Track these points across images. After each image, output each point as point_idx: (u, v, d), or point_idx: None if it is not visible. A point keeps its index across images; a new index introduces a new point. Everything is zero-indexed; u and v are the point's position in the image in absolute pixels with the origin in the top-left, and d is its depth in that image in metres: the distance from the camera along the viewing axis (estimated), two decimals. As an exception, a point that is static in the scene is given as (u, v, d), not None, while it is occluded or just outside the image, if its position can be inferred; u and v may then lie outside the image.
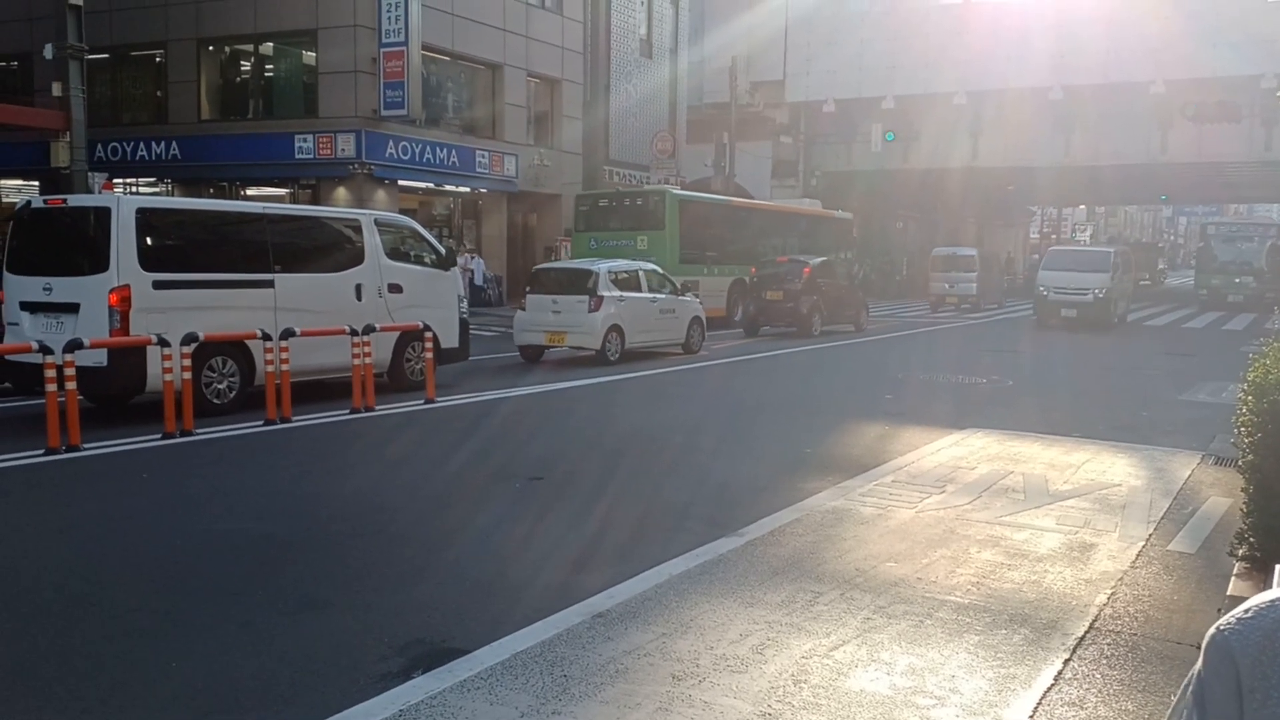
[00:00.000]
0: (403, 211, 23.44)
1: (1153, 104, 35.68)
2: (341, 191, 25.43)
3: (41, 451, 8.72)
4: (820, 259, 24.33)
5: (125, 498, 7.69)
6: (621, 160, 34.35)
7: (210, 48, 27.73)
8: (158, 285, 10.61)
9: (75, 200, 12.54)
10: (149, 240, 10.68)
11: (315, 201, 25.61)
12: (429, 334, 12.56)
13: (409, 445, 10.01)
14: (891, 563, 5.91)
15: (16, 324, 10.94)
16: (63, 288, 10.67)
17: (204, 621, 5.00)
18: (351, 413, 11.18)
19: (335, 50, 25.37)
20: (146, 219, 10.82)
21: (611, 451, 9.57)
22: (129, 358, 10.29)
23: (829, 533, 6.53)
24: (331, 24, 25.34)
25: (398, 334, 12.77)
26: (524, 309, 16.95)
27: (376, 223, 13.19)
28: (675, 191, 26.72)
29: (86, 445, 8.96)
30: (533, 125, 31.63)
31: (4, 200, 32.46)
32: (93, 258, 10.53)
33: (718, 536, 6.38)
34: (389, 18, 24.43)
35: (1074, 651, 4.64)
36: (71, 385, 8.95)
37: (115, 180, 24.20)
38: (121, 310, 10.30)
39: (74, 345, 9.17)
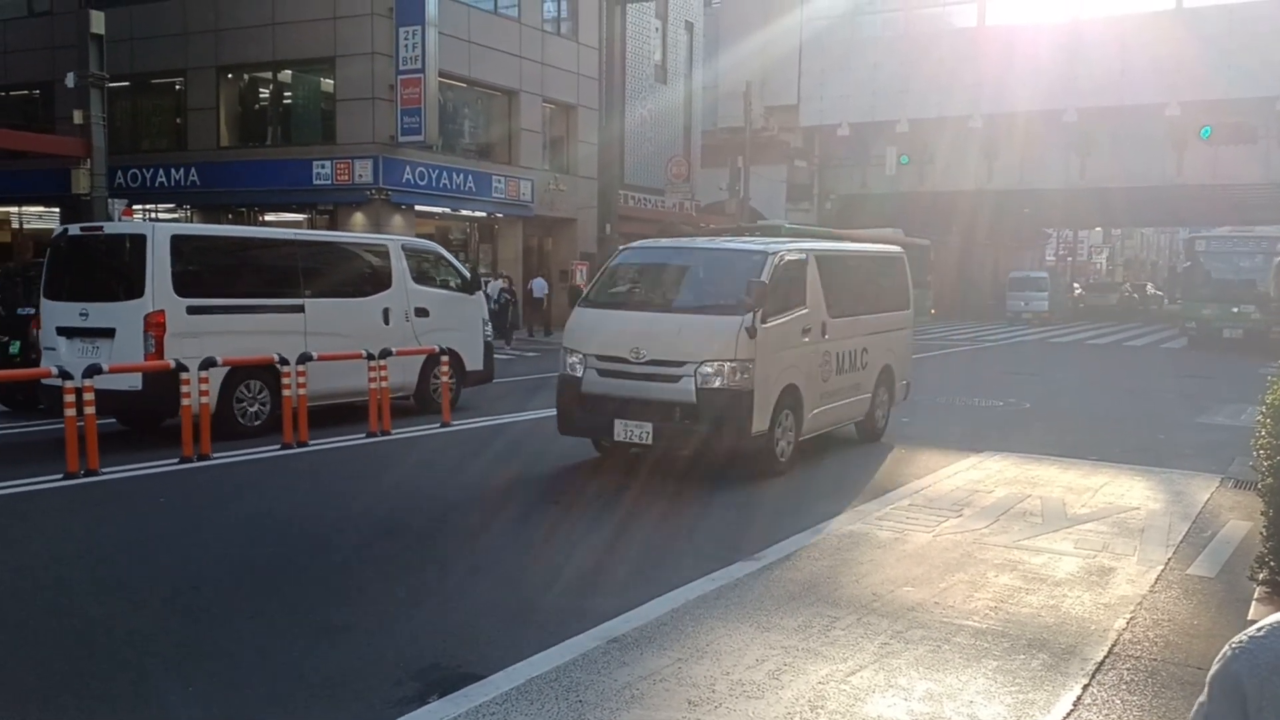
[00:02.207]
0: (419, 236, 23.63)
1: (1167, 126, 35.64)
2: (359, 216, 25.58)
3: (60, 476, 8.77)
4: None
5: (142, 522, 7.71)
6: (636, 184, 34.47)
7: (229, 75, 28.00)
8: (192, 310, 10.76)
9: (111, 228, 12.77)
10: (183, 266, 10.83)
11: (333, 227, 25.77)
12: (449, 357, 12.70)
13: (422, 469, 10.01)
14: (909, 587, 5.88)
15: (53, 348, 11.06)
16: (99, 313, 10.83)
17: (220, 645, 5.01)
18: (368, 436, 11.20)
19: (353, 77, 25.58)
20: (180, 245, 10.97)
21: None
22: (163, 381, 10.27)
23: (845, 557, 6.51)
24: (349, 52, 25.56)
25: (423, 357, 12.87)
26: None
27: (403, 248, 13.36)
28: (790, 225, 29.53)
29: (105, 469, 9.00)
30: (548, 150, 31.79)
31: (25, 226, 32.80)
32: (128, 283, 10.71)
33: (734, 560, 6.37)
34: (406, 45, 24.64)
35: (1093, 677, 4.61)
36: (90, 410, 8.98)
37: (135, 206, 24.43)
38: (156, 335, 10.46)
39: (93, 370, 9.22)
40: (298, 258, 12.24)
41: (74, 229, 11.92)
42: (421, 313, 13.08)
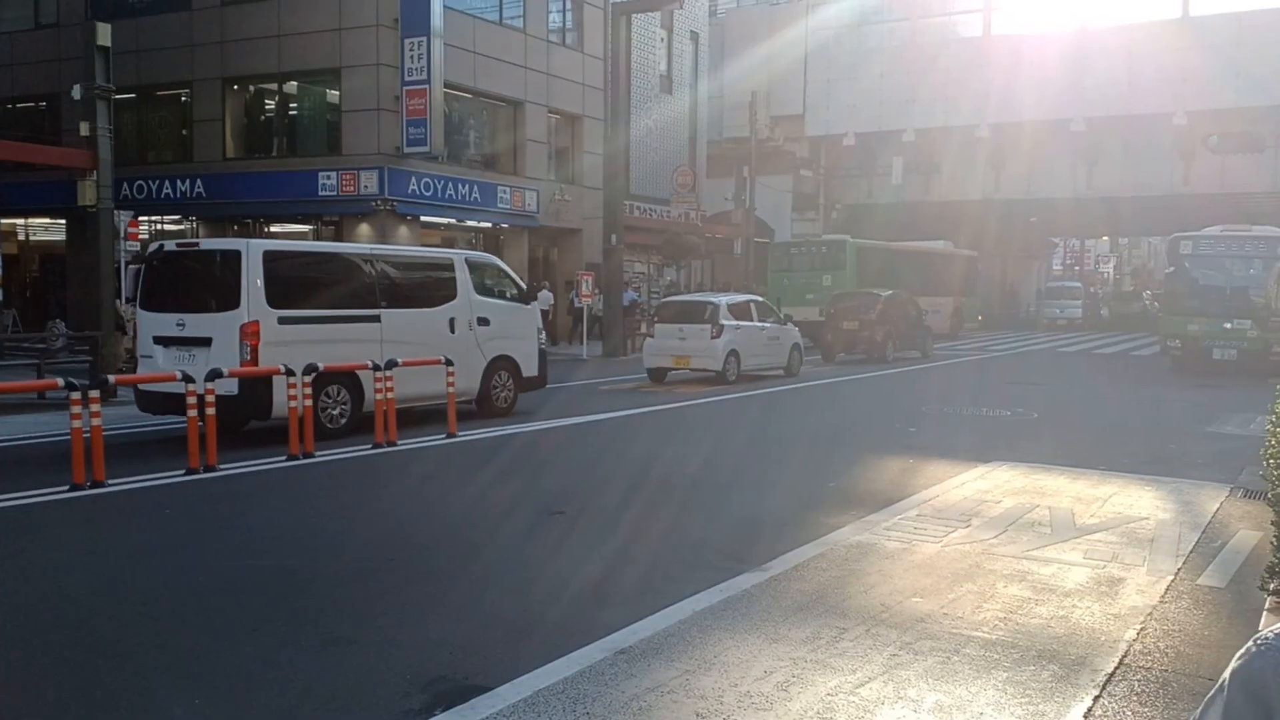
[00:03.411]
0: (424, 244, 23.73)
1: (1175, 135, 35.61)
2: (364, 228, 25.63)
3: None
4: (889, 292, 26.26)
5: (148, 533, 7.72)
6: (642, 194, 34.52)
7: (235, 87, 28.09)
8: (282, 320, 11.53)
9: (207, 244, 13.92)
10: (273, 279, 11.56)
11: (338, 238, 25.86)
12: (512, 363, 14.20)
13: (429, 479, 10.01)
14: (917, 598, 5.84)
15: (150, 356, 11.85)
16: (195, 323, 11.63)
17: (225, 658, 4.99)
18: (374, 447, 11.22)
19: (358, 88, 25.65)
20: (271, 260, 11.72)
21: (643, 479, 9.55)
22: (258, 386, 11.13)
23: (853, 567, 6.47)
24: (355, 63, 25.64)
25: (486, 364, 13.91)
26: (653, 337, 19.55)
27: (467, 261, 14.24)
28: (853, 240, 33.17)
29: (112, 481, 9.00)
30: (553, 160, 31.85)
31: (32, 238, 32.90)
32: (224, 296, 11.47)
33: (740, 571, 6.34)
34: (412, 56, 24.71)
35: (1104, 688, 4.57)
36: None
37: (140, 218, 24.46)
38: (252, 343, 11.24)
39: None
40: (374, 271, 13.01)
41: (169, 245, 12.93)
42: (483, 322, 13.97)
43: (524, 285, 15.34)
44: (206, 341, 11.45)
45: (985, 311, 40.58)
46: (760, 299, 22.06)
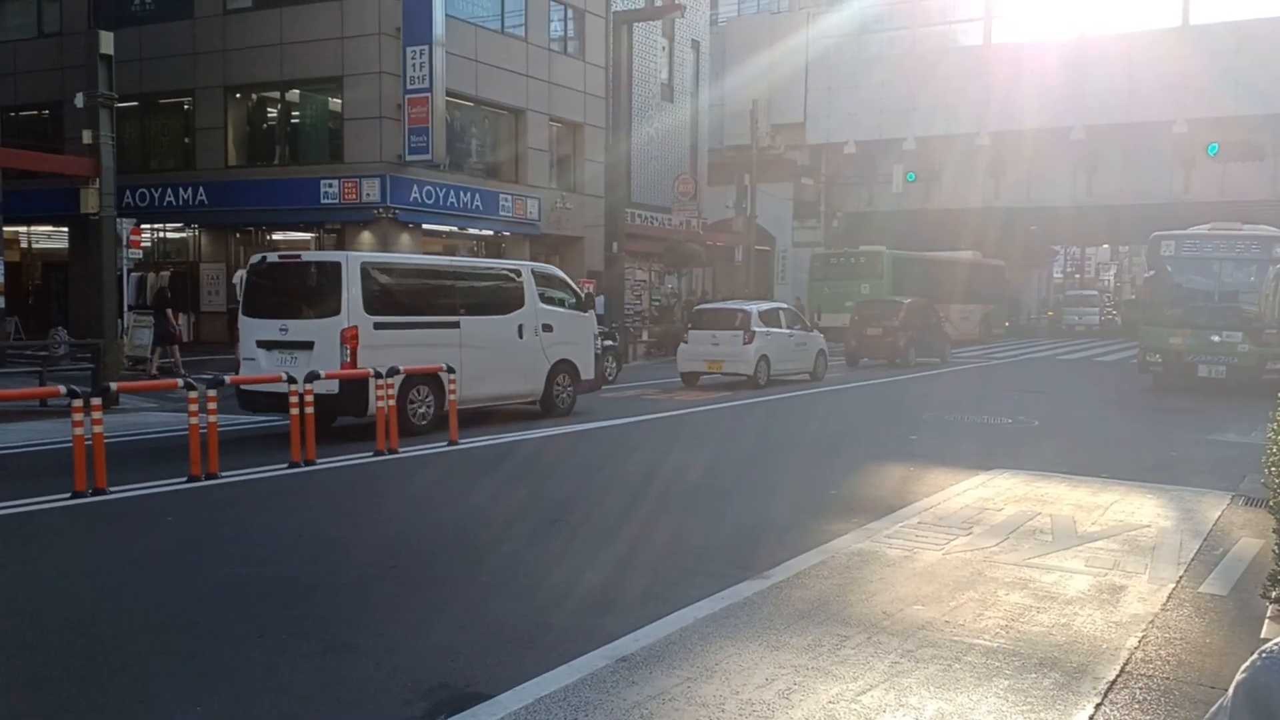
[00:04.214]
0: (427, 254, 23.80)
1: (1175, 143, 35.64)
2: (366, 236, 25.66)
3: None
4: (911, 300, 27.38)
5: (149, 540, 7.75)
6: (643, 202, 34.54)
7: (237, 95, 28.16)
8: (377, 326, 12.49)
9: (308, 256, 14.87)
10: (369, 288, 12.54)
11: (340, 246, 25.89)
12: (572, 367, 15.15)
13: (432, 487, 10.03)
14: (919, 605, 5.84)
15: (253, 359, 12.75)
16: (298, 328, 12.57)
17: (227, 665, 4.99)
18: (374, 455, 11.22)
19: (361, 97, 25.70)
20: (367, 270, 12.68)
21: (639, 486, 9.55)
22: (357, 386, 12.05)
23: (855, 575, 6.47)
24: (357, 71, 25.69)
25: (549, 367, 14.81)
26: (686, 342, 20.28)
27: (533, 272, 15.13)
28: (889, 251, 35.06)
29: (113, 489, 9.01)
30: (555, 168, 31.89)
31: (34, 245, 32.94)
32: (325, 303, 12.40)
33: (742, 579, 6.34)
34: (414, 65, 24.75)
35: (1105, 696, 4.57)
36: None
37: (143, 225, 24.52)
38: (351, 347, 12.18)
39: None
40: (454, 281, 14.19)
41: (272, 256, 13.74)
42: (547, 328, 14.83)
43: (583, 294, 16.40)
44: (308, 345, 12.33)
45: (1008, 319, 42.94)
46: (788, 306, 23.18)
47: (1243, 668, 1.33)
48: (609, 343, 20.74)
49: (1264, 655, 1.30)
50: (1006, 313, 44.44)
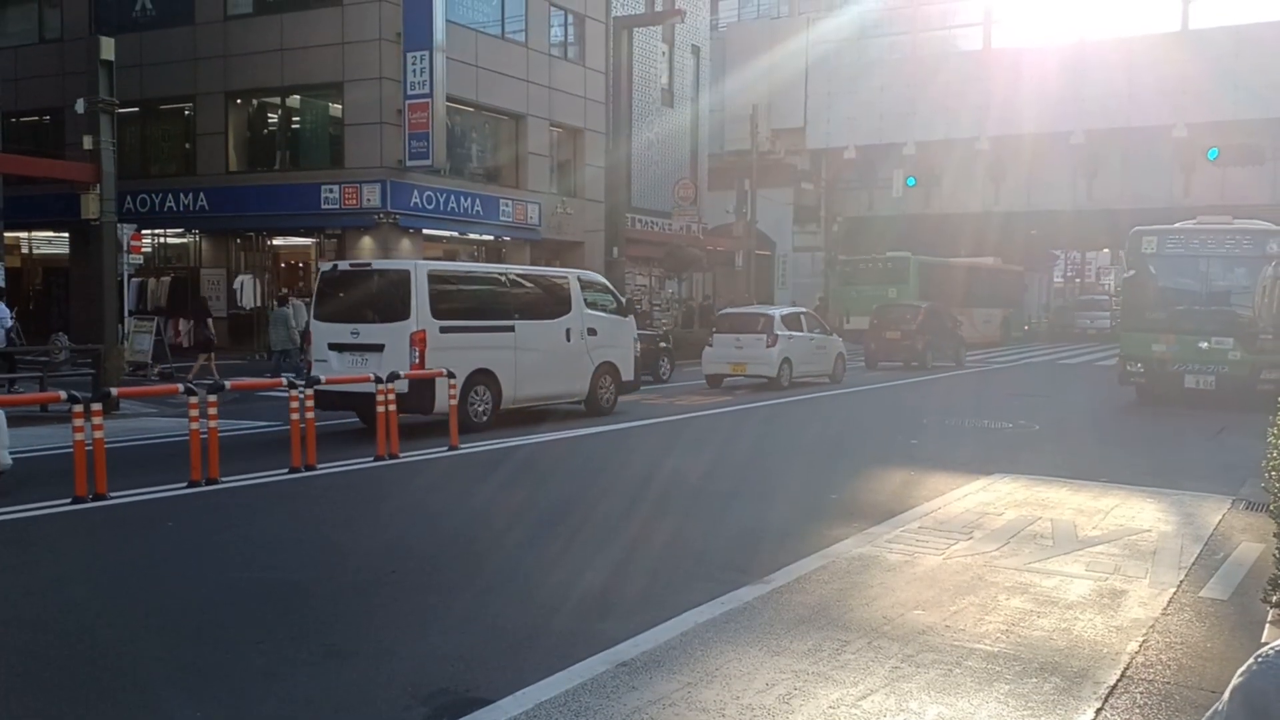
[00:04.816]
0: (427, 259, 23.85)
1: (1175, 148, 35.66)
2: (367, 240, 25.69)
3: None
4: (928, 304, 28.29)
5: (149, 545, 7.76)
6: (643, 207, 34.56)
7: (238, 100, 28.19)
8: (442, 330, 13.24)
9: (378, 265, 15.66)
10: (435, 294, 13.28)
11: (341, 251, 25.95)
12: (614, 368, 16.00)
13: (431, 491, 10.04)
14: (919, 610, 5.84)
15: (324, 360, 13.56)
16: (368, 332, 13.37)
17: (227, 670, 4.99)
18: (375, 460, 11.23)
19: (361, 102, 25.73)
20: (432, 278, 13.42)
21: (640, 488, 9.55)
22: (425, 386, 12.84)
23: (855, 580, 6.47)
24: (358, 77, 25.73)
25: (594, 369, 15.63)
26: (711, 345, 21.05)
27: (579, 279, 15.96)
28: (915, 256, 36.06)
29: (113, 494, 9.02)
30: (555, 173, 31.92)
31: (35, 251, 32.97)
32: (394, 308, 13.16)
33: (742, 584, 6.33)
34: (414, 70, 24.79)
35: (1106, 701, 4.57)
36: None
37: (144, 231, 24.52)
38: (420, 349, 12.94)
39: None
40: (508, 287, 15.01)
41: (343, 265, 14.89)
42: (591, 332, 15.61)
43: (623, 300, 17.20)
44: (379, 348, 13.12)
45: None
46: (808, 311, 24.06)
47: (1239, 671, 1.33)
48: (664, 344, 22.64)
49: (1260, 659, 1.30)
50: (1026, 316, 45.23)
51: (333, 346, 13.55)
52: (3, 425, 9.10)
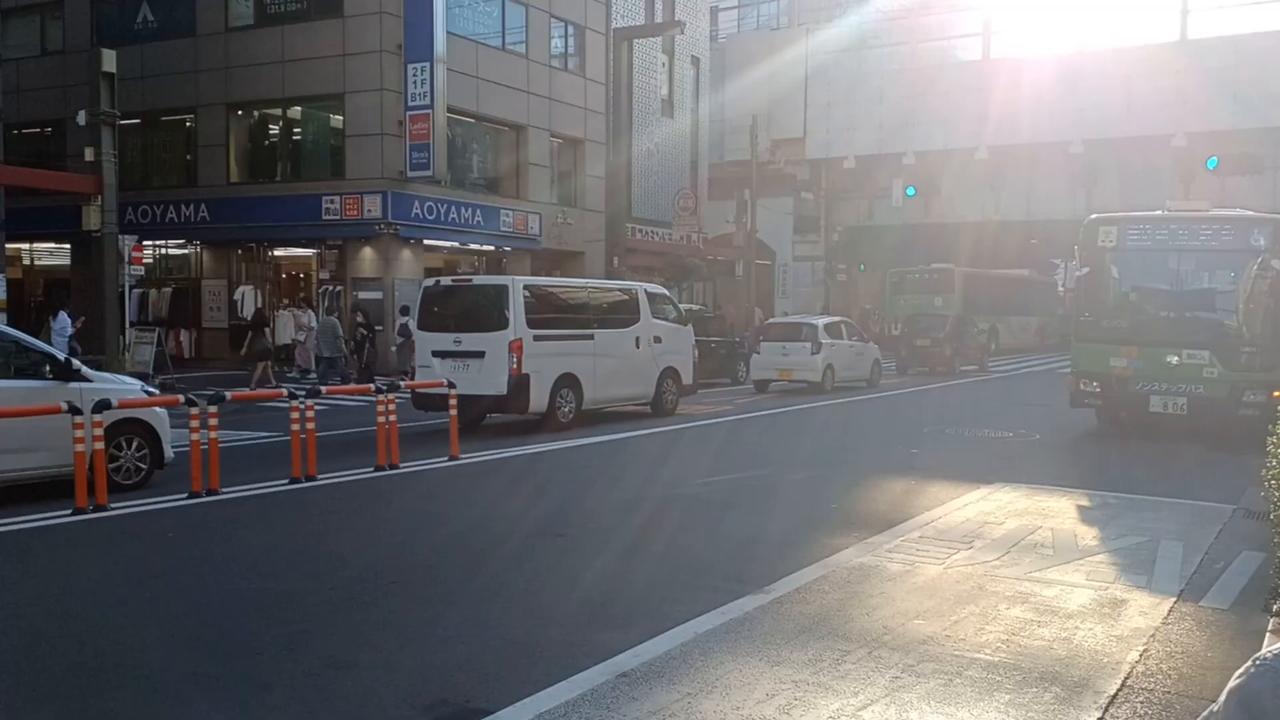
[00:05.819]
0: (427, 269, 23.93)
1: (1174, 157, 35.66)
2: (368, 251, 25.73)
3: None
4: (955, 313, 30.12)
5: (150, 556, 7.76)
6: (643, 217, 34.61)
7: (239, 112, 28.25)
8: (536, 338, 14.55)
9: (479, 280, 17.87)
10: (529, 306, 14.64)
11: (342, 261, 26.01)
12: (676, 373, 17.26)
13: (432, 501, 10.04)
14: (920, 620, 5.84)
15: (428, 366, 14.89)
16: (470, 340, 14.70)
17: (227, 680, 4.99)
18: (375, 470, 11.24)
19: (362, 113, 25.79)
20: (528, 291, 14.88)
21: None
22: (521, 387, 14.32)
23: (856, 589, 6.47)
24: (359, 88, 25.79)
25: (659, 374, 16.95)
26: (759, 353, 22.71)
27: (646, 292, 17.31)
28: (959, 268, 37.43)
29: (114, 505, 9.06)
30: (556, 184, 31.96)
31: (36, 262, 33.00)
32: (494, 319, 14.55)
33: (742, 593, 6.33)
34: (415, 82, 24.85)
35: (1106, 710, 4.57)
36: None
37: (145, 242, 24.56)
38: (518, 355, 14.30)
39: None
40: (588, 299, 16.58)
41: (445, 280, 16.53)
42: (657, 340, 16.88)
43: (683, 310, 18.69)
44: (479, 354, 14.51)
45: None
46: (848, 320, 25.57)
47: (1236, 674, 1.34)
48: (741, 349, 24.92)
49: (1257, 662, 1.32)
50: (1059, 324, 45.84)
51: (436, 354, 14.83)
52: (165, 422, 10.43)
